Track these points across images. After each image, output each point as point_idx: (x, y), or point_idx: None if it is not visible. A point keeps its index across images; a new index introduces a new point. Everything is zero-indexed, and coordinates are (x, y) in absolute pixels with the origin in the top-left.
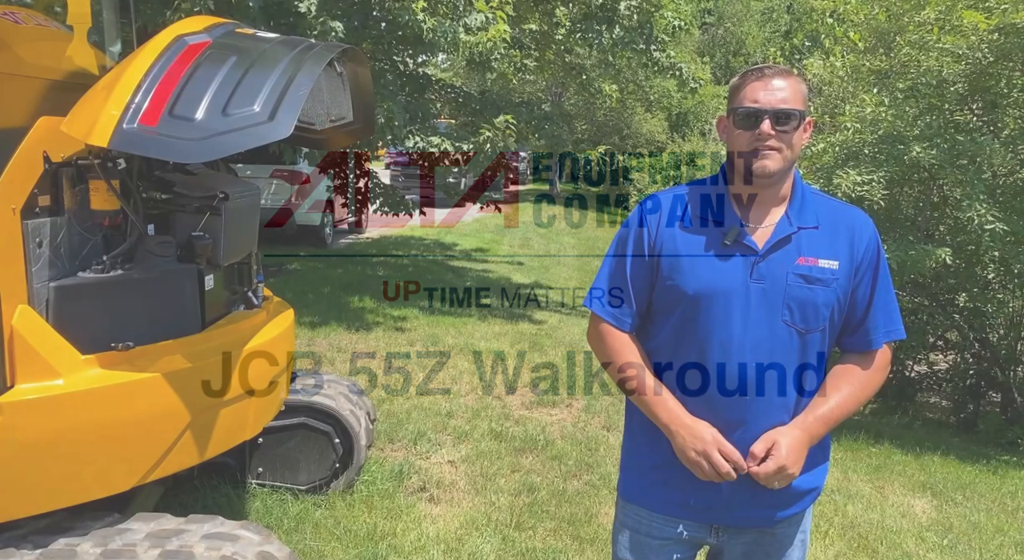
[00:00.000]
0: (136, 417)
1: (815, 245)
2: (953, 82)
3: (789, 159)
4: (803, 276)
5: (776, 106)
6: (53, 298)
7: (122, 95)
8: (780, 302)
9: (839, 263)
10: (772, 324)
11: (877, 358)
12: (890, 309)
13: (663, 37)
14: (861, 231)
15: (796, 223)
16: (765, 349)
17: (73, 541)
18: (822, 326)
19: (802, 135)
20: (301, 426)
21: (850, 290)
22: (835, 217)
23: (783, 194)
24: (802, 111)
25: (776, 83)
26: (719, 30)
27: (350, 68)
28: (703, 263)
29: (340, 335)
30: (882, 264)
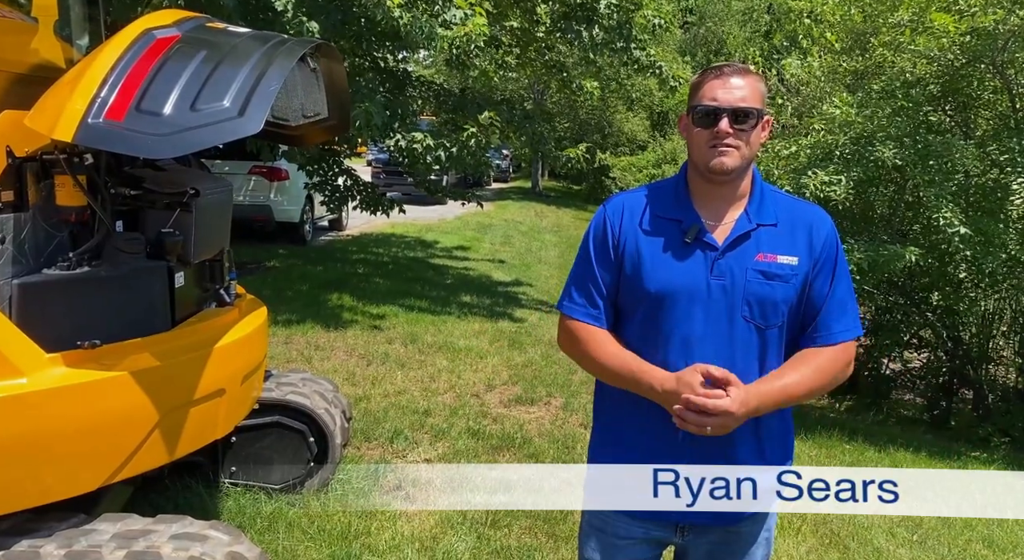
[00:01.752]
0: (102, 416)
1: (774, 242)
2: (927, 83)
3: (747, 157)
4: (762, 272)
5: (734, 104)
6: (17, 295)
7: (88, 89)
8: (740, 298)
9: (798, 259)
10: (732, 320)
11: (838, 352)
12: (849, 306)
13: (643, 36)
14: (819, 228)
15: (755, 220)
16: (726, 346)
17: (37, 543)
18: (780, 322)
19: (760, 133)
20: (275, 425)
21: (808, 286)
22: (793, 214)
23: (742, 192)
24: (760, 109)
25: (734, 81)
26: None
27: (324, 64)
28: (664, 261)
29: (318, 333)
30: (840, 261)
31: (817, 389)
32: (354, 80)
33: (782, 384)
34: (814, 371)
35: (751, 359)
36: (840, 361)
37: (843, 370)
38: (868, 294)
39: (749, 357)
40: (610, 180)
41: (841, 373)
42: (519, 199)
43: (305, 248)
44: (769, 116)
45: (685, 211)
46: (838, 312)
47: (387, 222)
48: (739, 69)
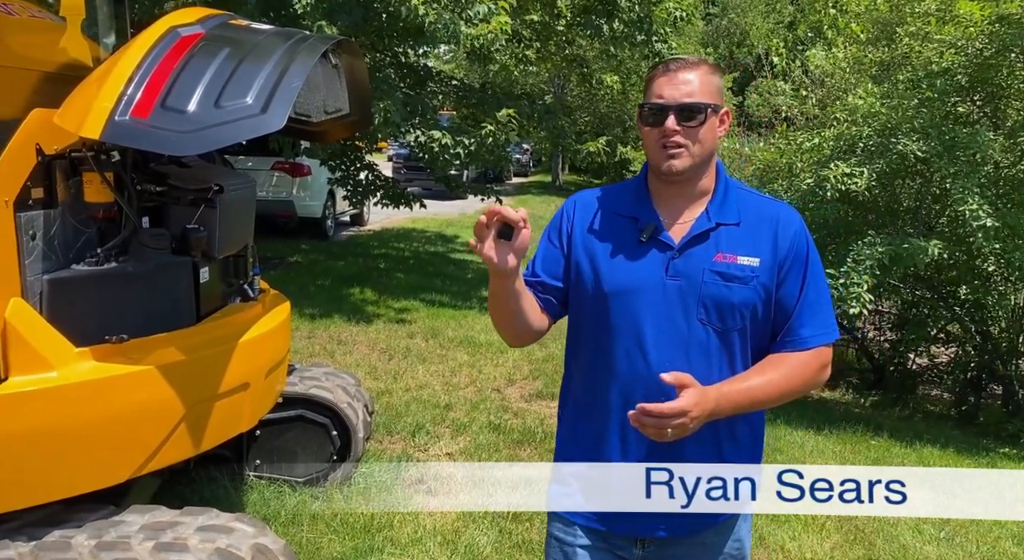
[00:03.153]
0: (130, 409)
1: (735, 242)
2: (954, 73)
3: (699, 155)
4: (720, 273)
5: (680, 101)
6: (47, 291)
7: (114, 87)
8: (696, 300)
9: (760, 260)
10: (689, 323)
11: (810, 356)
12: (821, 309)
13: (664, 29)
14: (785, 226)
15: (715, 219)
16: (681, 348)
17: (68, 533)
18: (740, 326)
19: (714, 129)
20: (299, 418)
21: (774, 289)
22: (759, 213)
23: (703, 189)
24: (709, 104)
25: (682, 77)
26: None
27: (346, 60)
28: (618, 260)
29: (340, 327)
30: (812, 262)
31: (787, 393)
32: (374, 76)
33: (746, 386)
34: (782, 376)
35: (710, 363)
36: (811, 366)
37: (816, 375)
38: (893, 288)
39: (708, 361)
40: (630, 174)
41: (814, 378)
42: (539, 193)
43: (327, 243)
44: (727, 109)
45: (643, 209)
46: (808, 316)
47: (407, 217)
48: (688, 63)
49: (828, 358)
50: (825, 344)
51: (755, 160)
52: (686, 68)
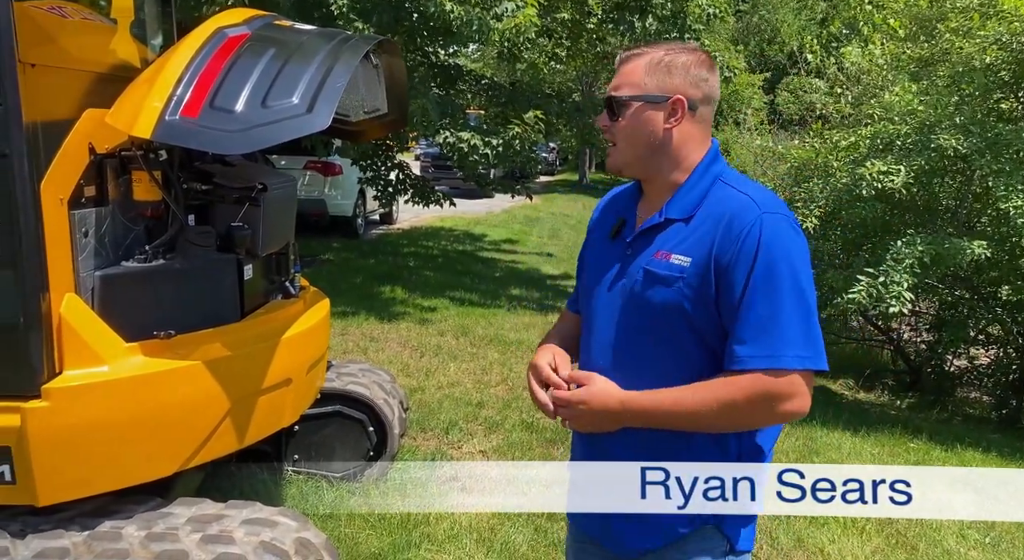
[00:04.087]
0: (178, 404)
1: (676, 238)
2: (997, 69)
3: (629, 151)
4: (649, 272)
5: (608, 95)
6: (99, 287)
7: (164, 87)
8: (628, 300)
9: (691, 260)
10: (622, 324)
11: (745, 382)
12: (773, 328)
13: (697, 26)
14: (736, 221)
15: (666, 214)
16: (617, 354)
17: (118, 524)
18: (669, 333)
19: (644, 122)
20: (336, 414)
21: (712, 293)
22: (716, 206)
23: (672, 183)
24: (625, 97)
25: (620, 68)
26: (753, 18)
27: (385, 60)
28: (592, 257)
29: (372, 325)
30: (770, 267)
31: (703, 419)
32: (409, 76)
33: (653, 396)
34: (695, 396)
35: (643, 371)
36: (746, 393)
37: (756, 407)
38: (931, 288)
39: (640, 367)
40: None
41: (750, 410)
42: (566, 192)
43: (358, 241)
44: (675, 98)
45: (627, 206)
46: (749, 333)
47: (436, 215)
48: (629, 54)
49: (778, 390)
50: (766, 370)
51: (789, 158)
52: (627, 58)
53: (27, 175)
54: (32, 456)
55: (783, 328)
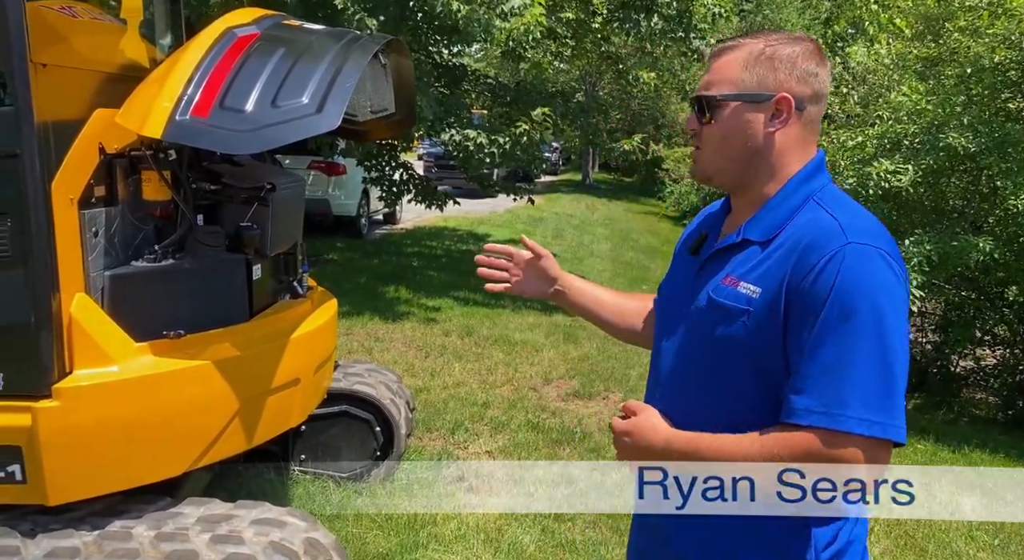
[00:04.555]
0: (187, 404)
1: (749, 263)
2: (1005, 69)
3: (717, 159)
4: (712, 299)
5: (696, 93)
6: (108, 287)
7: (174, 87)
8: (690, 325)
9: (761, 291)
10: (684, 354)
11: (798, 440)
12: (841, 381)
13: (703, 25)
14: (815, 250)
15: (744, 234)
16: (673, 381)
17: (128, 524)
18: (727, 371)
19: (738, 125)
20: (343, 414)
21: (779, 333)
22: (799, 230)
23: (761, 198)
24: (715, 96)
25: (712, 63)
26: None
27: (393, 59)
28: (671, 272)
29: (376, 325)
30: (844, 306)
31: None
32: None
33: (699, 439)
34: (739, 446)
35: (696, 406)
36: (789, 452)
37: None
38: (938, 289)
39: (696, 403)
40: (663, 172)
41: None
42: (569, 192)
43: (361, 241)
44: (779, 96)
45: (715, 219)
46: (811, 382)
47: (439, 215)
48: (727, 45)
49: (831, 456)
50: (821, 429)
51: None
52: (722, 51)
53: (38, 175)
54: (42, 456)
55: (850, 381)
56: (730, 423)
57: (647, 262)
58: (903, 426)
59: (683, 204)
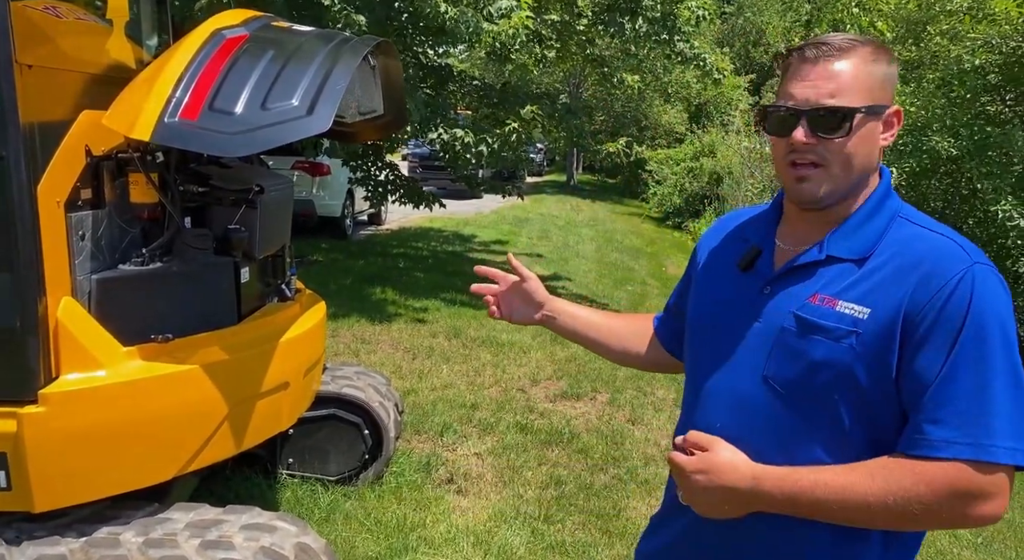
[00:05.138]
0: (176, 408)
1: (843, 281)
2: (986, 72)
3: (845, 177)
4: (804, 319)
5: (817, 102)
6: (95, 290)
7: (163, 89)
8: (767, 349)
9: (870, 312)
10: (752, 378)
11: (935, 471)
12: (982, 409)
13: (687, 28)
14: (936, 274)
15: (828, 251)
16: (740, 409)
17: (116, 530)
18: (825, 397)
19: (871, 139)
20: (331, 417)
21: (892, 359)
22: (903, 248)
23: (841, 214)
24: (859, 108)
25: (823, 69)
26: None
27: (382, 61)
28: (709, 289)
29: (363, 326)
30: (980, 333)
31: (877, 511)
32: None
33: (807, 476)
34: (872, 483)
35: (778, 438)
36: (929, 486)
37: (944, 504)
38: None
39: (774, 434)
40: (646, 173)
41: (939, 507)
42: (554, 193)
43: (346, 242)
44: (895, 109)
45: (763, 231)
46: (951, 412)
47: (425, 216)
48: (835, 47)
49: (979, 487)
50: (968, 461)
51: None
52: (831, 56)
53: (24, 177)
54: (28, 462)
55: (995, 411)
56: (810, 455)
57: (631, 263)
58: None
59: (666, 205)
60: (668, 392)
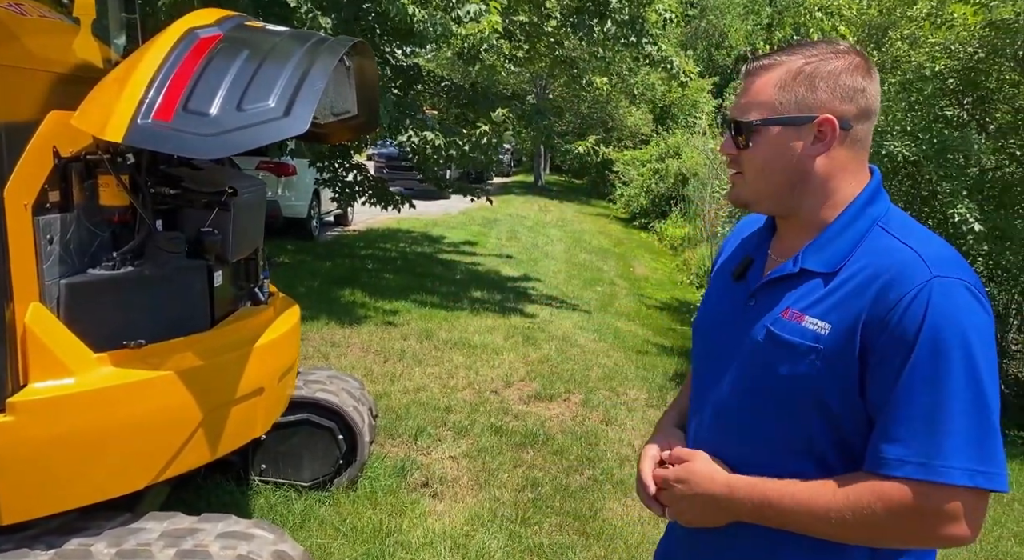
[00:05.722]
0: (150, 415)
1: (812, 296)
2: (944, 77)
3: (762, 185)
4: (771, 334)
5: (732, 117)
6: (64, 295)
7: (135, 89)
8: (746, 361)
9: (831, 327)
10: (739, 392)
11: (890, 490)
12: (934, 425)
13: (655, 31)
14: (895, 288)
15: (802, 263)
16: (723, 421)
17: (87, 541)
18: (789, 413)
19: (781, 149)
20: (305, 422)
21: (854, 374)
22: (870, 262)
23: (820, 221)
24: (754, 121)
25: (748, 82)
26: (701, 22)
27: (356, 61)
28: (711, 298)
29: (332, 329)
30: (936, 348)
31: (833, 524)
32: None
33: (764, 484)
34: (825, 496)
35: (751, 450)
36: (884, 504)
37: (900, 523)
38: None
39: (745, 445)
40: (613, 174)
41: (895, 526)
42: (522, 194)
43: (312, 243)
44: (822, 117)
45: (758, 242)
46: (905, 429)
47: (392, 217)
48: (764, 64)
49: (933, 509)
50: (920, 481)
51: None
52: (759, 70)
53: None
54: None
55: (949, 429)
56: (785, 467)
57: (600, 263)
58: (1004, 472)
59: (632, 206)
60: (640, 392)
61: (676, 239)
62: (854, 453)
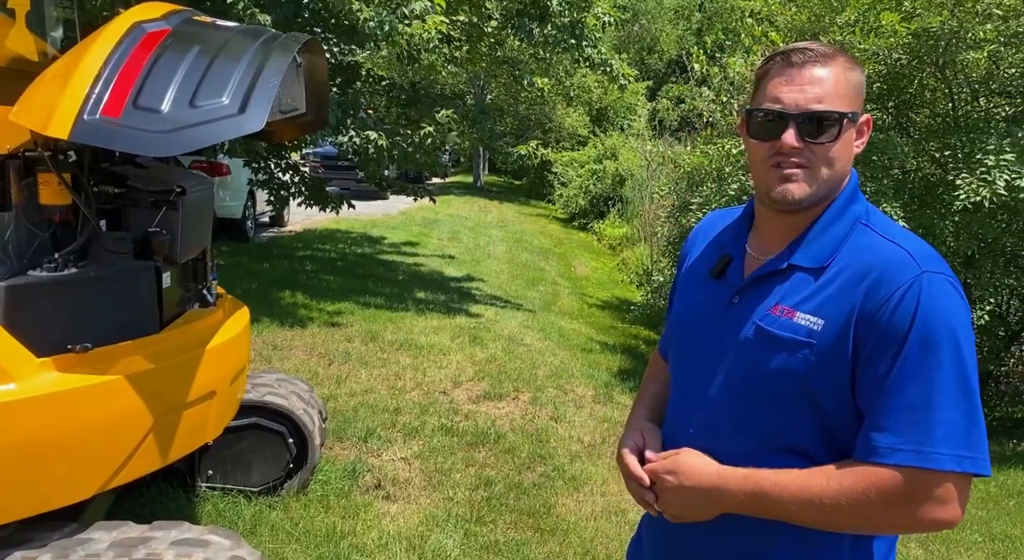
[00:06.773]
0: (97, 422)
1: (802, 292)
2: (871, 82)
3: (828, 180)
4: (761, 330)
5: (806, 108)
6: (4, 298)
7: (80, 85)
8: (734, 358)
9: (823, 323)
10: (728, 389)
11: (882, 477)
12: (924, 417)
13: (595, 34)
14: (886, 283)
15: (791, 259)
16: (711, 418)
17: (30, 554)
18: (780, 408)
19: (850, 145)
20: (253, 426)
21: (846, 369)
22: (858, 258)
23: (807, 220)
24: (844, 113)
25: (809, 73)
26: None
27: (307, 59)
28: (686, 297)
29: (274, 332)
30: (926, 341)
31: (818, 510)
32: None
33: (757, 474)
34: (817, 483)
35: (741, 445)
36: (877, 490)
37: (891, 508)
38: None
39: (736, 441)
40: (552, 175)
41: (884, 510)
42: (462, 194)
43: (248, 245)
44: (867, 117)
45: (734, 238)
46: (893, 419)
47: (330, 218)
48: (818, 54)
49: (924, 494)
50: (911, 467)
51: (682, 164)
52: (815, 61)
53: None
54: None
55: (939, 418)
56: (773, 463)
57: (542, 263)
58: (988, 458)
59: (571, 207)
60: (587, 389)
61: (615, 239)
62: (841, 449)
